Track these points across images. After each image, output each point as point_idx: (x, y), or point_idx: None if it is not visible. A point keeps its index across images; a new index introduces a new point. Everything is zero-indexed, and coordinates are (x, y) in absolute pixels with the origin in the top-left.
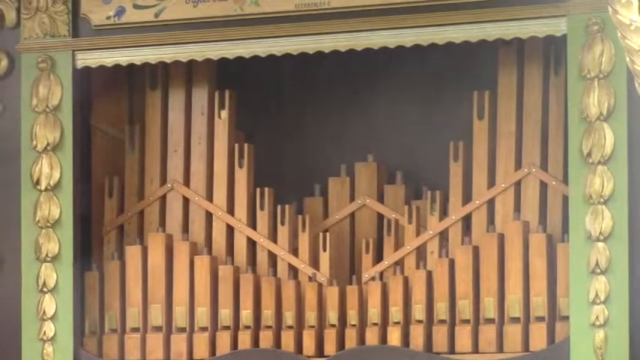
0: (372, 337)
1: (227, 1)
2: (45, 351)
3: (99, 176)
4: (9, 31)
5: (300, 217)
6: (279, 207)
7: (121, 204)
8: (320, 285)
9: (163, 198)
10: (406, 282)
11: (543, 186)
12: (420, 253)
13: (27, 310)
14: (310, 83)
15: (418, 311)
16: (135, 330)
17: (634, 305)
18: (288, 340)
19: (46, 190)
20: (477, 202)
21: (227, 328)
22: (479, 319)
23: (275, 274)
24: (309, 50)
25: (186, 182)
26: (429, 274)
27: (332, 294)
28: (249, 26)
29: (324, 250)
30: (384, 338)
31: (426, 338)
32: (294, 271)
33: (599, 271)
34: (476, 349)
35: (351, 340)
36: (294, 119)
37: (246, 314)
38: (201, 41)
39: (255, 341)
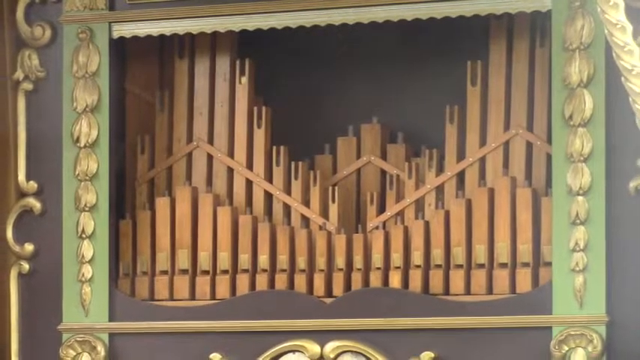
0: (375, 279)
1: None
2: (83, 291)
3: (132, 135)
4: (52, 5)
5: (311, 172)
6: (293, 163)
7: (152, 160)
8: (329, 233)
9: (189, 155)
10: (406, 231)
11: (529, 146)
12: (419, 205)
13: (67, 254)
14: (321, 55)
15: (417, 257)
16: (164, 272)
17: (610, 252)
18: (300, 282)
19: (85, 147)
20: (470, 159)
21: (246, 271)
22: (471, 265)
23: (289, 223)
24: (320, 23)
25: (210, 141)
26: (427, 224)
27: (340, 241)
28: (267, 1)
29: (333, 202)
30: (386, 281)
31: (424, 281)
32: (306, 220)
33: (578, 221)
34: (468, 291)
35: (356, 282)
36: (308, 86)
37: (263, 259)
38: (223, 14)
39: (272, 283)
